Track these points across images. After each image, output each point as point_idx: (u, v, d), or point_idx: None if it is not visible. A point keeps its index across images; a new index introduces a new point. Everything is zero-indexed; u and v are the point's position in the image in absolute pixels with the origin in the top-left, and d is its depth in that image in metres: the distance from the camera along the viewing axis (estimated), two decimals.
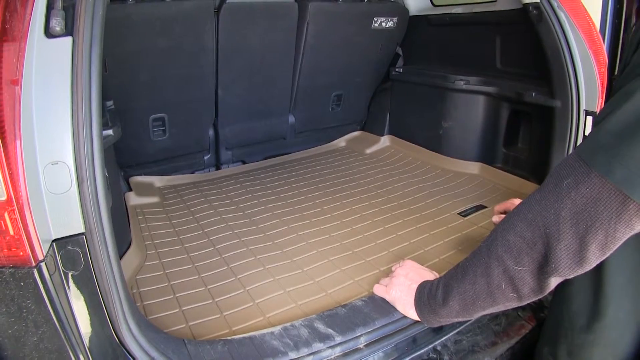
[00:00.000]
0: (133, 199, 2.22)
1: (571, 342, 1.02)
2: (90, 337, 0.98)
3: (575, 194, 0.78)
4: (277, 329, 1.21)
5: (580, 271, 0.83)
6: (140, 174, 2.49)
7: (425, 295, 1.14)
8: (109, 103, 1.95)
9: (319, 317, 1.25)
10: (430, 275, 1.25)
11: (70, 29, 0.91)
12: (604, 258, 0.81)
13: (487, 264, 0.96)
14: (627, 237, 0.77)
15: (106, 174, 1.19)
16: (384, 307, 1.27)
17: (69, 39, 0.90)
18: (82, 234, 0.94)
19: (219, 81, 2.44)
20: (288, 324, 1.23)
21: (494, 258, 0.94)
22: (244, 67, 2.48)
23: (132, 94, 2.22)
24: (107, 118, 1.67)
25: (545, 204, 0.84)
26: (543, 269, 0.86)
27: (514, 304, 0.99)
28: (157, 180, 2.51)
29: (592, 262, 0.81)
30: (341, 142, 3.26)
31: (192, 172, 2.70)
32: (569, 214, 0.79)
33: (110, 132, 1.51)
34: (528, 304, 1.37)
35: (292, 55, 2.62)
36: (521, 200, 1.46)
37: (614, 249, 0.79)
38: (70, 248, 0.93)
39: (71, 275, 0.95)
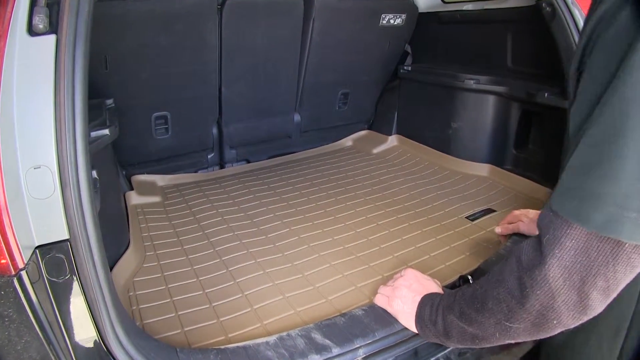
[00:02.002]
0: (134, 198, 2.18)
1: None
2: (76, 346, 0.95)
3: (559, 250, 0.71)
4: (272, 338, 1.17)
5: (587, 318, 0.76)
6: (143, 173, 2.45)
7: (427, 317, 1.08)
8: (109, 101, 1.92)
9: (317, 327, 1.20)
10: (434, 285, 1.19)
11: (55, 27, 0.87)
12: (610, 300, 0.73)
13: (480, 311, 0.90)
14: (632, 276, 0.69)
15: (96, 175, 1.15)
16: (385, 317, 1.22)
17: (52, 37, 0.86)
18: (67, 240, 0.90)
19: (223, 79, 2.40)
20: (284, 334, 1.18)
21: (487, 309, 0.88)
22: (248, 65, 2.44)
23: (134, 91, 2.19)
24: (105, 117, 1.64)
25: (531, 264, 0.77)
26: (541, 325, 0.79)
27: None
28: (160, 179, 2.47)
29: (598, 308, 0.73)
30: (347, 141, 3.21)
31: (196, 171, 2.67)
32: (558, 272, 0.72)
33: (106, 131, 1.47)
34: None
35: (298, 52, 2.57)
36: (522, 212, 1.42)
37: (620, 289, 0.71)
38: (55, 255, 0.90)
39: (56, 282, 0.91)
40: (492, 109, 2.47)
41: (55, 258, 0.90)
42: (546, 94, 2.09)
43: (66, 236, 0.89)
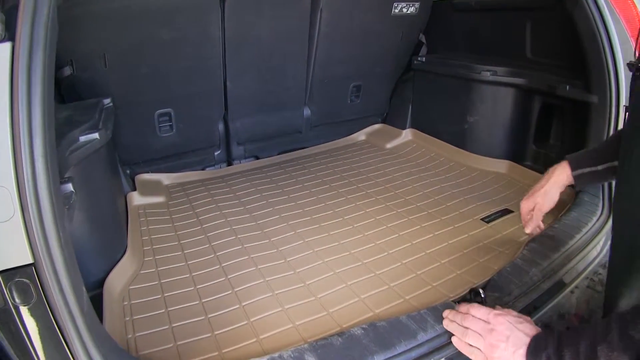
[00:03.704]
0: (136, 199, 2.12)
1: None
2: None
3: None
4: None
5: None
6: (148, 171, 2.39)
7: None
8: (107, 101, 1.86)
9: (311, 348, 1.11)
10: (528, 325, 1.00)
11: (13, 34, 0.79)
12: None
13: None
14: None
15: (72, 189, 1.09)
16: (386, 337, 1.13)
17: (7, 45, 0.78)
18: (32, 264, 0.83)
19: (228, 73, 2.31)
20: (275, 355, 1.10)
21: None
22: (253, 58, 2.34)
23: (136, 89, 2.11)
24: (98, 119, 1.58)
25: None
26: None
27: None
28: (165, 178, 2.41)
29: None
30: (360, 135, 3.10)
31: (203, 169, 2.60)
32: None
33: (95, 135, 1.40)
34: None
35: (306, 44, 2.47)
36: (529, 198, 1.51)
37: None
38: (20, 279, 0.83)
39: (23, 308, 0.85)
40: (511, 102, 2.33)
41: (20, 283, 0.83)
42: (568, 87, 1.97)
43: (30, 260, 0.83)
